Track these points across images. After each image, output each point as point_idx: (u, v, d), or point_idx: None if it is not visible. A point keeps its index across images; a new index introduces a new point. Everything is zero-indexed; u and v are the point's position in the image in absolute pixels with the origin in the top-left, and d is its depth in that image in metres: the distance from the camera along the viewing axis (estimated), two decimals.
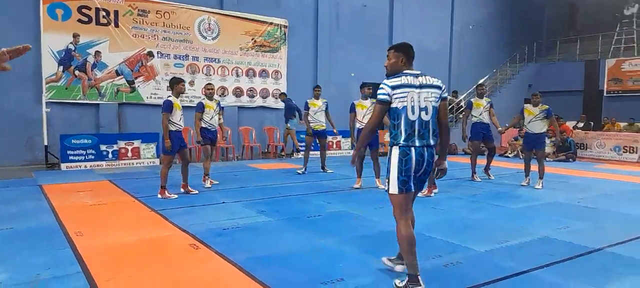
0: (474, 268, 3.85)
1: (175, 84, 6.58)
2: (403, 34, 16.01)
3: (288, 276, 3.58)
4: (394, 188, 3.24)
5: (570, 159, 12.40)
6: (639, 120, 15.28)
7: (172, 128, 6.52)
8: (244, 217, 5.42)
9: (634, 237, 4.87)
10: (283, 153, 12.43)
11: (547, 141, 12.63)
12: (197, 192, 6.90)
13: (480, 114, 8.61)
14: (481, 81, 17.47)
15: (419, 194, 6.93)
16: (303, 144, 10.45)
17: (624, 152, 12.77)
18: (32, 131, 9.80)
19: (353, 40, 14.86)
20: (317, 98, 9.05)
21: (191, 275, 3.58)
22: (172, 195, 6.57)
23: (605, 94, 17.52)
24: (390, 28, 15.86)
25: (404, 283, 3.28)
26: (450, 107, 16.26)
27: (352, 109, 7.83)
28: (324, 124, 9.11)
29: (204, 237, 4.51)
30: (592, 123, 16.05)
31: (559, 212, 6.06)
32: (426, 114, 3.20)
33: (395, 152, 3.22)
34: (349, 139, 12.25)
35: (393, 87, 3.18)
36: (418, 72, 3.28)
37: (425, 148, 3.21)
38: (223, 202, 6.27)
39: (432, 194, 7.07)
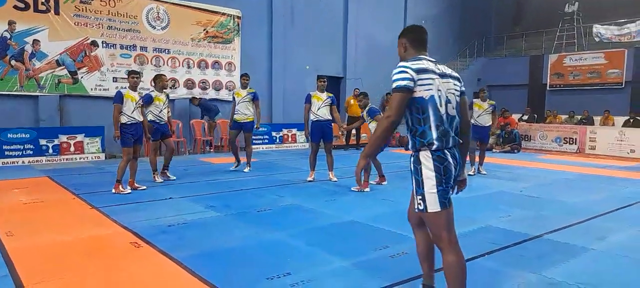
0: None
1: (128, 76, 6.71)
2: (356, 28, 16.15)
3: (233, 272, 3.50)
4: (435, 205, 2.49)
5: (515, 150, 12.94)
6: (578, 113, 16.15)
7: (125, 120, 6.37)
8: (192, 213, 5.27)
9: (571, 224, 5.13)
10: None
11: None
12: (144, 187, 6.65)
13: (480, 116, 8.46)
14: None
15: (372, 182, 7.14)
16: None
17: (564, 143, 13.46)
18: None
19: (308, 34, 14.79)
20: (243, 88, 8.45)
21: (130, 275, 3.42)
22: (126, 190, 6.35)
23: (548, 88, 18.39)
24: (345, 22, 15.92)
25: None
26: None
27: (308, 99, 7.57)
28: (250, 116, 8.38)
29: (147, 235, 4.34)
30: (536, 115, 16.82)
31: (502, 201, 6.29)
32: (452, 107, 2.53)
33: (427, 157, 2.49)
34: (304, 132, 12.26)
35: (418, 71, 2.44)
36: (433, 59, 2.60)
37: (456, 150, 2.57)
38: (170, 198, 6.07)
39: (383, 183, 7.18)
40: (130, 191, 6.39)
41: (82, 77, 10.73)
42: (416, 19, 18.15)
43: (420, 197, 2.53)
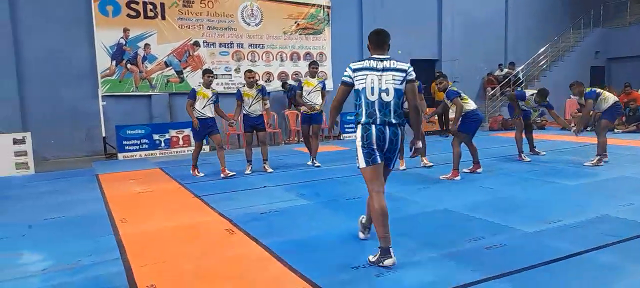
0: (519, 250, 3.59)
1: (202, 75, 7.19)
2: (453, 5, 15.29)
3: (318, 259, 3.50)
4: (361, 162, 3.46)
5: None
6: None
7: (196, 115, 6.94)
8: (283, 201, 5.41)
9: None
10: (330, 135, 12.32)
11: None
12: (234, 173, 7.10)
13: (526, 108, 8.12)
14: (541, 50, 16.41)
15: (466, 169, 6.72)
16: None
17: None
18: (91, 124, 10.35)
19: (399, 16, 14.33)
20: (312, 76, 7.93)
21: (223, 259, 3.60)
22: (200, 173, 7.21)
23: None
24: (439, 1, 15.17)
25: (376, 257, 3.38)
26: (507, 79, 15.39)
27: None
28: (320, 106, 7.83)
29: (240, 222, 4.53)
30: None
31: (623, 187, 5.55)
32: (387, 95, 3.37)
33: (358, 129, 3.44)
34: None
35: (354, 70, 3.46)
36: (385, 57, 3.46)
37: (387, 126, 3.39)
38: (264, 187, 6.30)
39: (478, 171, 6.73)
40: (203, 174, 7.25)
41: (186, 76, 11.58)
42: None
43: (356, 157, 3.51)
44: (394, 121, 3.39)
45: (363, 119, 3.41)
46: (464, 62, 15.63)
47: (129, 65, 10.88)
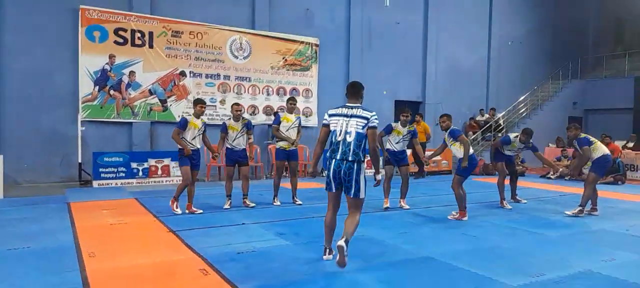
0: None
1: (194, 105, 6.95)
2: (437, 51, 15.65)
3: None
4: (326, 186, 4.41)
5: (619, 182, 11.55)
6: None
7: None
8: (262, 240, 5.24)
9: None
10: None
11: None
12: (201, 211, 6.78)
13: (510, 152, 8.11)
14: (521, 98, 16.82)
15: (448, 217, 6.67)
16: None
17: None
18: (67, 149, 10.07)
19: (385, 58, 14.60)
20: (290, 112, 7.70)
21: None
22: (178, 210, 6.67)
23: None
24: (425, 45, 15.52)
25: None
26: (487, 125, 15.63)
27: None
28: (295, 143, 7.67)
29: (216, 262, 4.34)
30: None
31: (604, 241, 5.54)
32: (350, 136, 4.16)
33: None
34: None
35: (330, 115, 4.33)
36: (355, 105, 4.28)
37: (343, 162, 4.18)
38: (242, 224, 6.11)
39: (464, 219, 6.66)
40: (181, 213, 6.64)
41: (170, 105, 11.46)
42: (501, 39, 17.25)
43: None
44: (350, 158, 4.15)
45: (328, 154, 4.30)
46: (447, 105, 15.83)
47: (112, 92, 10.72)
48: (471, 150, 6.75)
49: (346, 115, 4.21)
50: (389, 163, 7.62)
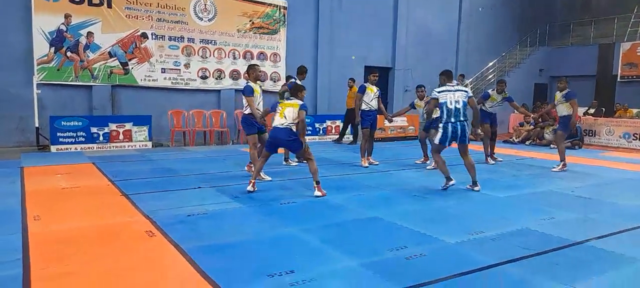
0: (438, 261, 3.62)
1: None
2: (408, 15, 15.56)
3: (234, 266, 3.39)
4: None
5: (577, 146, 11.94)
6: None
7: (248, 112, 6.73)
8: (215, 203, 5.25)
9: (622, 230, 4.57)
10: None
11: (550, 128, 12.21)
12: (270, 179, 6.69)
13: (492, 107, 8.96)
14: (490, 65, 17.01)
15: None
16: None
17: (633, 139, 12.25)
18: (23, 113, 9.76)
19: (355, 22, 14.46)
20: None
21: (133, 263, 3.43)
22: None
23: (619, 79, 16.84)
24: (395, 9, 15.38)
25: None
26: None
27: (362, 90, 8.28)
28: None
29: (164, 224, 4.34)
30: (603, 109, 15.45)
31: (548, 201, 5.75)
32: (459, 104, 6.09)
33: None
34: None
35: (439, 92, 6.19)
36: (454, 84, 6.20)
37: (458, 123, 6.10)
38: (199, 188, 6.10)
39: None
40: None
41: (132, 68, 11.15)
42: (472, 4, 17.25)
43: None
44: (462, 119, 6.08)
45: (445, 119, 6.13)
46: (416, 72, 15.93)
47: (69, 53, 10.34)
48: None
49: (451, 91, 6.00)
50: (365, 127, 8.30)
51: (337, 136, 12.55)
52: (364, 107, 8.23)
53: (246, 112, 6.82)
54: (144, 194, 5.60)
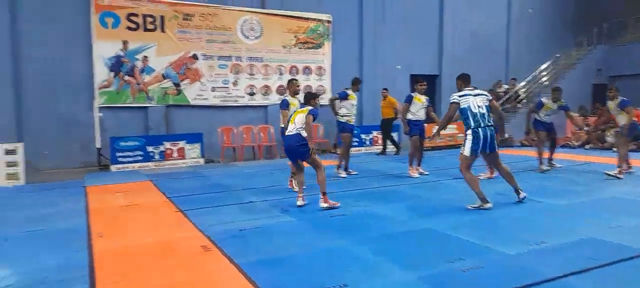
0: (497, 273, 3.48)
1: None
2: (454, 21, 15.27)
3: (288, 280, 3.41)
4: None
5: None
6: None
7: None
8: (266, 217, 5.33)
9: None
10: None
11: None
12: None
13: (547, 115, 8.38)
14: (543, 67, 16.33)
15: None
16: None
17: None
18: (86, 135, 10.36)
19: (400, 31, 14.35)
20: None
21: (190, 278, 3.52)
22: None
23: None
24: (441, 16, 15.14)
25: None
26: (507, 96, 15.27)
27: (408, 100, 8.19)
28: None
29: (218, 239, 4.45)
30: None
31: (613, 208, 5.42)
32: (482, 109, 5.71)
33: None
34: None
35: (460, 96, 5.84)
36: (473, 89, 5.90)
37: (488, 128, 5.68)
38: (250, 202, 6.21)
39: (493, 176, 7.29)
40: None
41: (184, 88, 11.61)
42: (521, 6, 16.69)
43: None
44: (490, 124, 5.67)
45: (473, 126, 5.63)
46: None
47: (126, 77, 10.92)
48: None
49: (472, 94, 5.65)
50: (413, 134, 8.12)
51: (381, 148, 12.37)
52: (409, 116, 8.11)
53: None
54: (198, 210, 5.77)
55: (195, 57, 11.72)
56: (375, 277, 3.43)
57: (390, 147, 12.13)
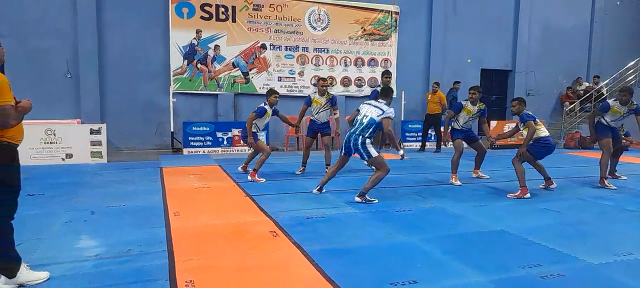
0: (580, 283, 3.26)
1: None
2: (531, 14, 14.44)
3: (356, 272, 3.40)
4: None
5: None
6: None
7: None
8: (332, 208, 5.35)
9: None
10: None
11: None
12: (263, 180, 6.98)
13: (614, 121, 7.12)
14: (630, 64, 15.05)
15: (540, 186, 6.53)
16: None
17: None
18: (161, 119, 10.96)
19: (471, 23, 13.78)
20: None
21: (261, 261, 3.61)
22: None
23: None
24: (516, 9, 14.35)
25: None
26: (588, 94, 14.24)
27: (457, 108, 7.29)
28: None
29: (286, 225, 4.54)
30: None
31: None
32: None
33: None
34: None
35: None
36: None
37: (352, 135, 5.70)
38: (315, 191, 6.25)
39: (552, 187, 6.51)
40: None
41: (252, 77, 11.91)
42: None
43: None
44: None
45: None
46: (539, 74, 14.72)
47: (199, 65, 11.38)
48: (545, 134, 6.24)
49: (369, 104, 5.82)
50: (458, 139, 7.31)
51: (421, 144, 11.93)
52: (455, 126, 7.31)
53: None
54: (265, 196, 5.91)
55: (263, 46, 11.97)
56: (445, 277, 3.34)
57: (431, 146, 11.78)
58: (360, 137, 5.59)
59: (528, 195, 5.99)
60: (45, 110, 9.21)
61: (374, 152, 5.59)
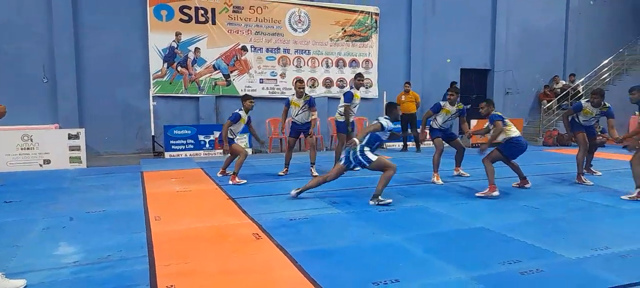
0: (558, 278, 3.33)
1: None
2: (508, 14, 14.68)
3: (339, 272, 3.41)
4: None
5: None
6: None
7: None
8: (314, 209, 5.35)
9: None
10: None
11: None
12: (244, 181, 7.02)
13: (586, 121, 7.19)
14: (604, 62, 15.42)
15: (476, 194, 6.25)
16: None
17: None
18: (141, 122, 10.81)
19: (450, 24, 13.95)
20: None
21: (244, 264, 3.59)
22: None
23: None
24: (494, 8, 14.58)
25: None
26: (564, 92, 14.55)
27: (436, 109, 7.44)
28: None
29: (268, 227, 4.52)
30: None
31: None
32: None
33: None
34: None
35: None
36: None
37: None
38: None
39: (526, 186, 6.53)
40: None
41: (233, 80, 11.84)
42: None
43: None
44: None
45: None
46: (518, 73, 14.98)
47: (179, 68, 11.27)
48: (516, 133, 6.34)
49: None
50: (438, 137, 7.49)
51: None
52: (433, 125, 7.48)
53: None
54: (248, 198, 5.88)
55: (244, 48, 11.92)
56: (427, 275, 3.37)
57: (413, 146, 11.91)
58: (359, 146, 5.66)
59: (496, 192, 6.02)
60: (22, 115, 9.02)
61: (373, 157, 5.65)
